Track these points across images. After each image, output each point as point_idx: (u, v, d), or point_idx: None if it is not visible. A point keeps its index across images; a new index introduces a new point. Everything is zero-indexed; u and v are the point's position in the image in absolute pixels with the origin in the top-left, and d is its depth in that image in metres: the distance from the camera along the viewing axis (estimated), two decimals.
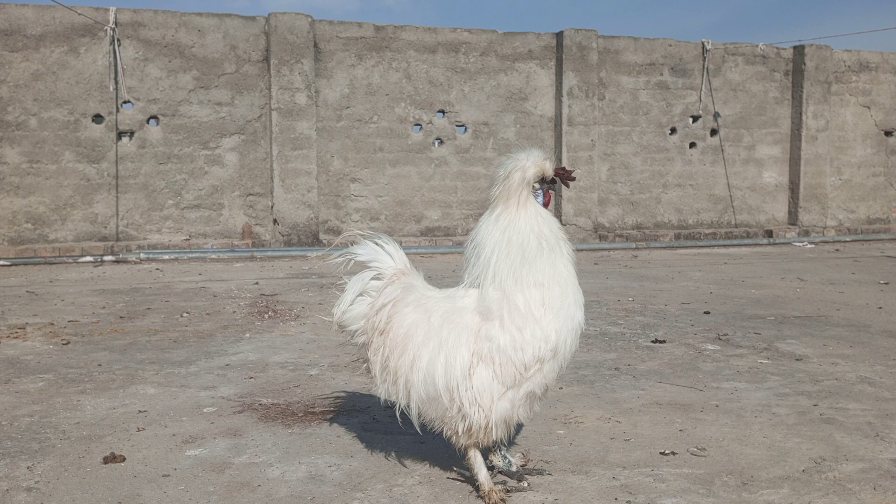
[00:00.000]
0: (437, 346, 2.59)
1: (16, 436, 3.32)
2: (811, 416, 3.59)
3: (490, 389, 2.53)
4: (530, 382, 2.55)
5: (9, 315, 6.37)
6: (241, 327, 5.87)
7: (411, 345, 2.63)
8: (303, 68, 12.09)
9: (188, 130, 11.86)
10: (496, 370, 2.52)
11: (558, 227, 2.67)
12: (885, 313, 6.39)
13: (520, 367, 2.51)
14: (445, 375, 2.55)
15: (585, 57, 13.46)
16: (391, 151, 12.84)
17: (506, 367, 2.52)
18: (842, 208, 15.61)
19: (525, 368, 2.51)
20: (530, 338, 2.50)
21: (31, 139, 11.22)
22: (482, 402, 2.53)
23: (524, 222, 2.58)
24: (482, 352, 2.54)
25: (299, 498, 2.67)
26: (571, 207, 13.56)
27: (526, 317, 2.51)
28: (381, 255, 2.88)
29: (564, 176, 2.68)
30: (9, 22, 11.00)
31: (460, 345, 2.56)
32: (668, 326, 5.84)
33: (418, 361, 2.61)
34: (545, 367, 2.55)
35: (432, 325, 2.62)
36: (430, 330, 2.62)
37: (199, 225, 12.02)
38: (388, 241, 2.93)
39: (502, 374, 2.52)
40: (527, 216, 2.59)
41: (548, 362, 2.55)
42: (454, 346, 2.56)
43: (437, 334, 2.60)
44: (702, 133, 14.53)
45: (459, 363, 2.54)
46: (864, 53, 15.49)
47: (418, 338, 2.63)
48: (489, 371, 2.53)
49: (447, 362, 2.56)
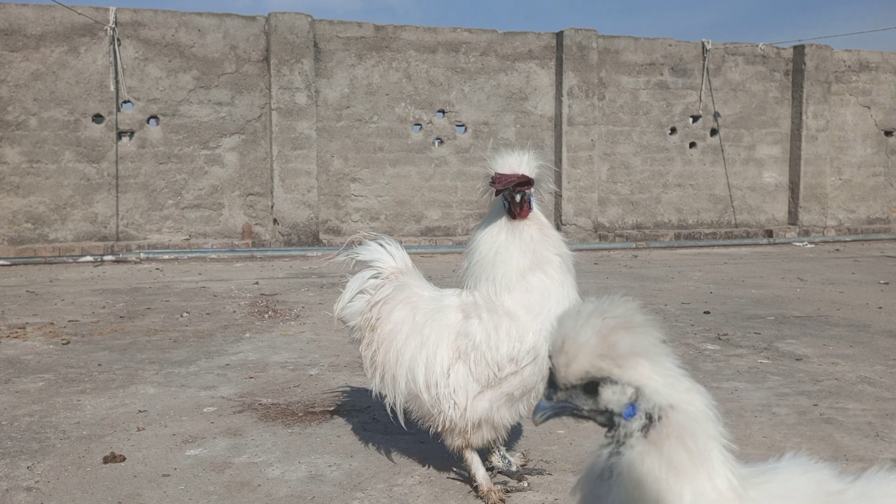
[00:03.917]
0: (419, 343, 2.63)
1: (16, 435, 3.32)
2: (811, 416, 3.59)
3: (465, 387, 2.55)
4: (508, 384, 2.53)
5: (9, 315, 6.37)
6: (241, 327, 5.87)
7: (396, 341, 2.69)
8: (303, 68, 12.09)
9: (188, 130, 11.86)
10: (471, 367, 2.55)
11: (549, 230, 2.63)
12: (885, 313, 6.39)
13: (493, 365, 2.51)
14: (426, 372, 2.59)
15: (585, 57, 13.46)
16: (391, 151, 12.84)
17: (479, 364, 2.53)
18: (842, 208, 15.61)
19: (499, 368, 2.50)
20: (505, 336, 2.50)
21: (31, 139, 11.21)
22: (458, 400, 2.55)
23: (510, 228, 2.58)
24: (460, 349, 2.57)
25: (299, 498, 2.67)
26: (571, 207, 13.56)
27: (503, 316, 2.52)
28: (382, 255, 2.93)
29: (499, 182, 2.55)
30: (9, 22, 11.00)
31: (441, 342, 2.59)
32: (668, 326, 5.84)
33: (402, 357, 2.65)
34: (525, 370, 2.51)
35: (416, 323, 2.67)
36: (414, 327, 2.66)
37: (199, 225, 12.02)
38: (390, 241, 2.98)
39: (477, 372, 2.54)
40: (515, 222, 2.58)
41: (527, 365, 2.50)
42: (435, 344, 2.59)
43: (420, 332, 2.64)
44: (702, 133, 14.52)
45: (439, 360, 2.58)
46: (864, 53, 15.48)
47: (402, 334, 2.68)
48: (465, 368, 2.56)
49: (428, 359, 2.60)
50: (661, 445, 1.21)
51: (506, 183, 2.51)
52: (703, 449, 1.21)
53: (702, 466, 1.20)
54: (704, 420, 1.23)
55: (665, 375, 1.25)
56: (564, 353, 1.23)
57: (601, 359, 1.22)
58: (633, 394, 1.23)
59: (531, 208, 2.59)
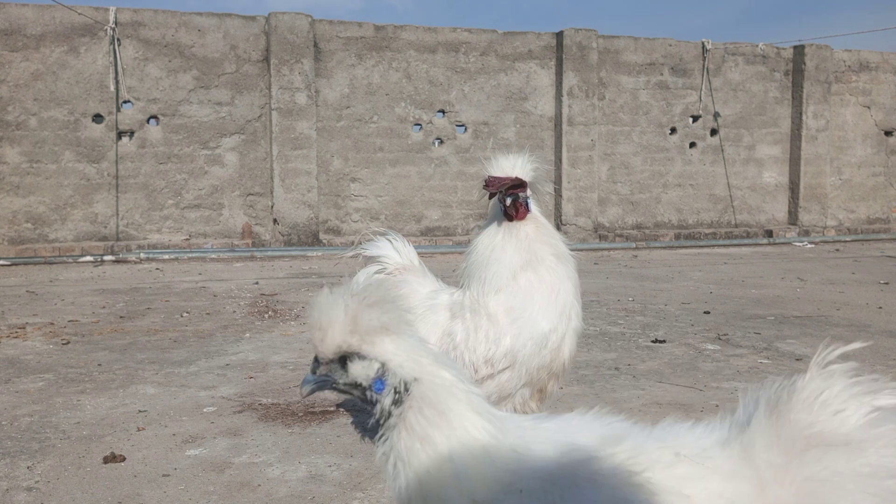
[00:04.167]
0: None
1: (16, 435, 3.32)
2: None
3: None
4: (485, 388, 2.50)
5: (9, 315, 6.37)
6: (241, 327, 5.87)
7: None
8: (303, 68, 12.09)
9: (188, 130, 11.86)
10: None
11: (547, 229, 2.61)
12: (885, 313, 6.39)
13: (469, 366, 2.50)
14: None
15: (585, 57, 13.46)
16: (391, 151, 12.84)
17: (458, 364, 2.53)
18: (842, 208, 15.61)
19: (475, 369, 2.49)
20: (483, 338, 2.50)
21: (31, 139, 11.21)
22: None
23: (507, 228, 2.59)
24: (444, 348, 2.57)
25: (299, 498, 2.67)
26: (571, 207, 13.56)
27: (483, 317, 2.52)
28: (389, 251, 2.99)
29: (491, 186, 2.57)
30: (9, 22, 11.00)
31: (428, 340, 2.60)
32: (668, 326, 5.84)
33: None
34: (502, 374, 2.49)
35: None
36: None
37: (199, 225, 12.02)
38: (396, 237, 3.03)
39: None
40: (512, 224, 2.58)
41: (505, 370, 2.48)
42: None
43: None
44: (702, 133, 14.52)
45: None
46: (864, 53, 15.48)
47: None
48: None
49: None
50: (405, 417, 1.29)
51: (498, 186, 2.52)
52: (447, 411, 1.28)
53: (448, 426, 1.27)
54: (450, 387, 1.30)
55: (410, 351, 1.32)
56: (319, 328, 1.31)
57: (351, 335, 1.29)
58: (379, 368, 1.31)
59: (528, 209, 2.58)
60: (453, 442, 1.27)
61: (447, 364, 1.36)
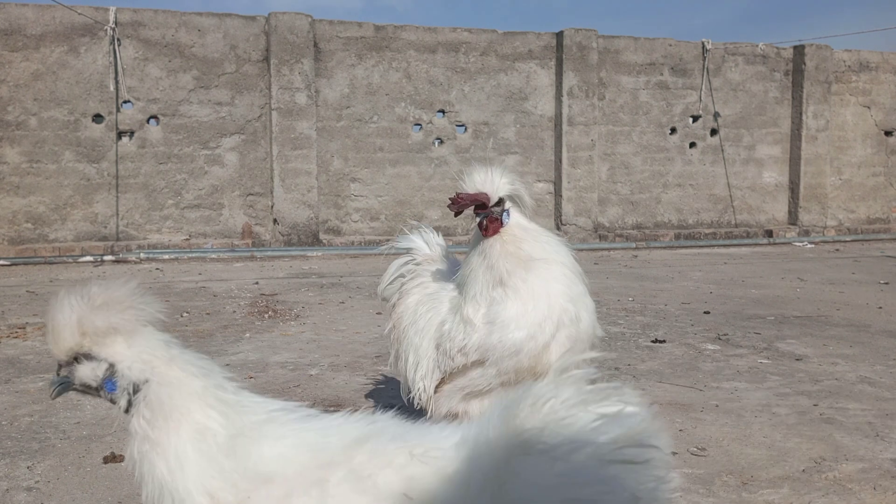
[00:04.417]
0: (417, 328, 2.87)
1: (16, 435, 3.32)
2: (811, 415, 3.58)
3: (431, 372, 2.75)
4: (462, 379, 2.66)
5: (9, 315, 6.37)
6: (241, 327, 5.87)
7: (401, 323, 2.96)
8: (303, 68, 12.09)
9: (188, 130, 11.86)
10: (438, 355, 2.75)
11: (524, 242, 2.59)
12: (885, 313, 6.39)
13: (444, 353, 2.68)
14: (415, 354, 2.81)
15: (585, 57, 13.46)
16: (391, 151, 12.84)
17: (440, 350, 2.72)
18: (842, 208, 15.60)
19: (451, 358, 2.65)
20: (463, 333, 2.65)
21: (31, 139, 11.21)
22: (426, 383, 2.76)
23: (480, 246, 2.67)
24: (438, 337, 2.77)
25: None
26: (571, 207, 13.56)
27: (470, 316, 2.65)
28: (419, 244, 3.15)
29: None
30: (9, 22, 11.00)
31: (430, 328, 2.79)
32: (668, 326, 5.84)
33: (404, 338, 2.91)
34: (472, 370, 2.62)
35: (417, 310, 2.91)
36: (416, 314, 2.90)
37: (199, 225, 12.02)
38: (428, 230, 3.20)
39: (438, 358, 2.73)
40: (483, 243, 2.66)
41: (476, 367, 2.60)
42: (425, 329, 2.80)
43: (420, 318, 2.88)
44: (702, 133, 14.52)
45: (425, 345, 2.79)
46: (864, 53, 15.48)
47: (406, 318, 2.93)
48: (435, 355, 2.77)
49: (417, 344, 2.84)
50: (133, 420, 1.30)
51: (460, 206, 2.54)
52: (172, 411, 1.28)
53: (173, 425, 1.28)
54: (180, 384, 1.30)
55: (143, 352, 1.31)
56: (51, 331, 1.31)
57: (83, 336, 1.29)
58: (107, 369, 1.31)
59: (502, 223, 2.57)
60: (180, 440, 1.27)
61: (187, 362, 1.34)
